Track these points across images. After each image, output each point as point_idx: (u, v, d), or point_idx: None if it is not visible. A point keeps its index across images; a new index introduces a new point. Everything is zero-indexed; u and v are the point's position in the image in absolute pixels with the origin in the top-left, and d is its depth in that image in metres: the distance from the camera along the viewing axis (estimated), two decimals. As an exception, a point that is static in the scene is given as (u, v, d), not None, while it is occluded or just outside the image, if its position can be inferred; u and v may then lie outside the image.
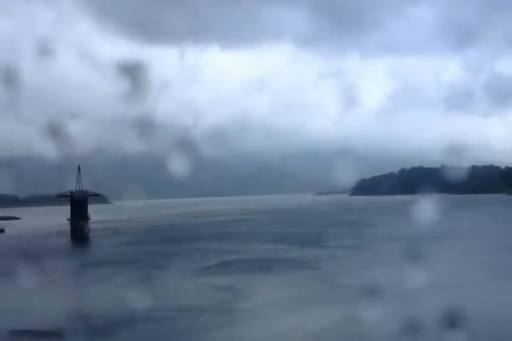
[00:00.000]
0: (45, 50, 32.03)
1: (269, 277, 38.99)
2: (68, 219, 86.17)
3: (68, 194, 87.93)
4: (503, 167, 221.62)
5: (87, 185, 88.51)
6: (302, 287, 34.35)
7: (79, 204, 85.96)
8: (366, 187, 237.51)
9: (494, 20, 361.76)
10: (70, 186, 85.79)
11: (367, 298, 20.81)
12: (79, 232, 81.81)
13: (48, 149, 23.82)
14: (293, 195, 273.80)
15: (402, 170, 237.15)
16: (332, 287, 33.88)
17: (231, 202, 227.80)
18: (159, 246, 62.59)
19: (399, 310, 21.50)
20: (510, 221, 67.40)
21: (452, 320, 15.44)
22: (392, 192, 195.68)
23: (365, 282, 27.34)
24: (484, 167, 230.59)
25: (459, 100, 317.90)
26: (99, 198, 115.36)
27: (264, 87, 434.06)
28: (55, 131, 21.66)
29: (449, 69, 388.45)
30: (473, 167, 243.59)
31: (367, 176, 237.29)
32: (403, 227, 60.17)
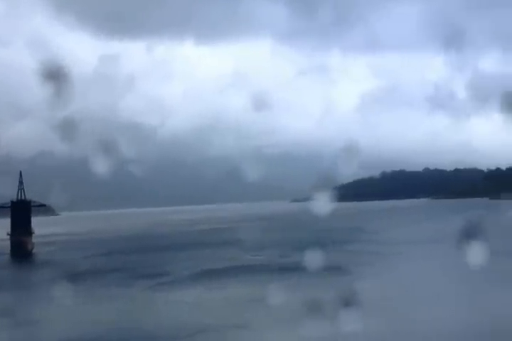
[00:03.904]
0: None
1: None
2: (8, 234, 75.52)
3: (8, 204, 77.98)
4: (485, 170, 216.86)
5: (31, 194, 78.66)
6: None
7: (21, 216, 75.90)
8: (344, 192, 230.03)
9: (479, 19, 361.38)
10: (11, 195, 76.87)
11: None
12: (21, 248, 72.48)
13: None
14: (267, 202, 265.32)
15: (383, 174, 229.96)
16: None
17: (196, 211, 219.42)
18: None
19: None
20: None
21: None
22: (373, 197, 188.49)
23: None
24: (467, 170, 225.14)
25: (442, 99, 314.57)
26: (45, 209, 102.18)
27: (240, 84, 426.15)
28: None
29: (433, 67, 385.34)
30: (456, 170, 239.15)
31: (346, 181, 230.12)
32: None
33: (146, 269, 46.05)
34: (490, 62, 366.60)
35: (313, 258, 44.03)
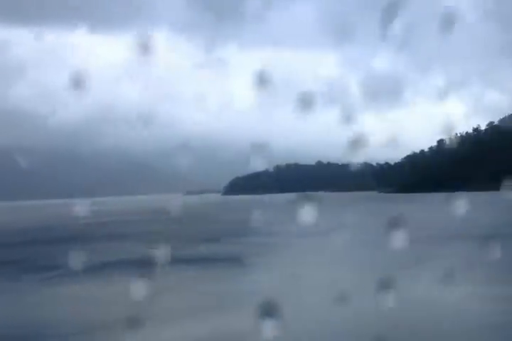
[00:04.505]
0: None
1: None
2: None
3: None
4: (375, 164, 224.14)
5: None
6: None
7: None
8: (240, 185, 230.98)
9: (371, 17, 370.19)
10: None
11: None
12: None
13: None
14: (161, 195, 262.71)
15: (277, 168, 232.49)
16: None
17: (90, 203, 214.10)
18: None
19: None
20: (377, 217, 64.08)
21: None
22: (267, 190, 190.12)
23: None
24: (358, 164, 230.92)
25: (334, 95, 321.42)
26: None
27: (135, 74, 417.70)
28: None
29: (326, 64, 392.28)
30: (348, 164, 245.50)
31: (241, 174, 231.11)
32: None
33: (36, 262, 44.14)
34: (381, 61, 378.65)
35: (210, 250, 44.28)
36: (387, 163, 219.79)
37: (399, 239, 22.95)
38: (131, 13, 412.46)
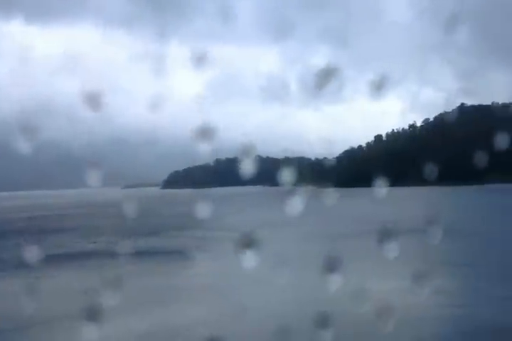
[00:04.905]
0: None
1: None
2: None
3: None
4: (313, 159, 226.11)
5: None
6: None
7: None
8: (179, 179, 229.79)
9: (311, 14, 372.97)
10: None
11: None
12: None
13: None
14: (100, 188, 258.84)
15: (217, 162, 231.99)
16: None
17: (28, 197, 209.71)
18: None
19: None
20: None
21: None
22: (207, 184, 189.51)
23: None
24: (296, 158, 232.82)
25: (274, 91, 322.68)
26: None
27: (72, 67, 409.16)
28: None
29: (266, 60, 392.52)
30: (287, 158, 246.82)
31: (180, 168, 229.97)
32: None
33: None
34: (319, 57, 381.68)
35: (150, 244, 44.16)
36: (325, 158, 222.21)
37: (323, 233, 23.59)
38: (69, 6, 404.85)
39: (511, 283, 23.99)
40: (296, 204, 23.34)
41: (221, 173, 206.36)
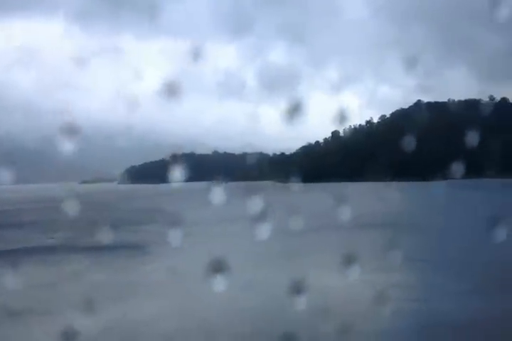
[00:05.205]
0: None
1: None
2: None
3: None
4: (271, 154, 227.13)
5: None
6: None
7: None
8: (136, 175, 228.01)
9: (269, 10, 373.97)
10: None
11: None
12: None
13: None
14: (56, 183, 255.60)
15: (174, 157, 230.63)
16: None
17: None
18: None
19: None
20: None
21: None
22: (164, 180, 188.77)
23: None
24: (254, 154, 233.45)
25: (233, 86, 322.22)
26: None
27: (29, 62, 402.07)
28: None
29: (225, 56, 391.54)
30: (244, 154, 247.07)
31: (137, 163, 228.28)
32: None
33: None
34: (277, 53, 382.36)
35: (108, 239, 43.67)
36: (283, 154, 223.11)
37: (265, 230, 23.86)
38: (25, 1, 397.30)
39: (467, 278, 24.37)
40: (254, 199, 23.38)
41: (178, 169, 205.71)
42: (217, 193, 42.68)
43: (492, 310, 18.50)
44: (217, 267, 18.83)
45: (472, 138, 47.64)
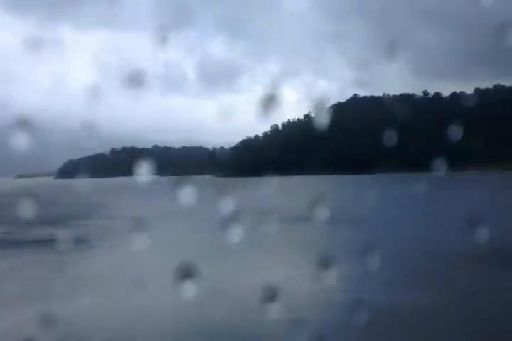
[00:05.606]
0: None
1: None
2: None
3: None
4: (210, 148, 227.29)
5: None
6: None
7: None
8: (74, 169, 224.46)
9: (209, 3, 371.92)
10: None
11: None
12: None
13: None
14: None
15: (113, 151, 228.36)
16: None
17: None
18: None
19: None
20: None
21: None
22: (103, 174, 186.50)
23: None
24: (193, 148, 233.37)
25: (172, 79, 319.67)
26: None
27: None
28: None
29: (164, 48, 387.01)
30: (184, 148, 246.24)
31: (76, 157, 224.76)
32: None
33: None
34: (217, 47, 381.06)
35: (47, 234, 43.23)
36: (222, 148, 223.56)
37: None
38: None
39: (398, 269, 25.34)
40: (191, 193, 23.70)
41: (117, 163, 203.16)
42: (157, 188, 42.77)
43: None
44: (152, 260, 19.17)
45: (394, 134, 48.65)
